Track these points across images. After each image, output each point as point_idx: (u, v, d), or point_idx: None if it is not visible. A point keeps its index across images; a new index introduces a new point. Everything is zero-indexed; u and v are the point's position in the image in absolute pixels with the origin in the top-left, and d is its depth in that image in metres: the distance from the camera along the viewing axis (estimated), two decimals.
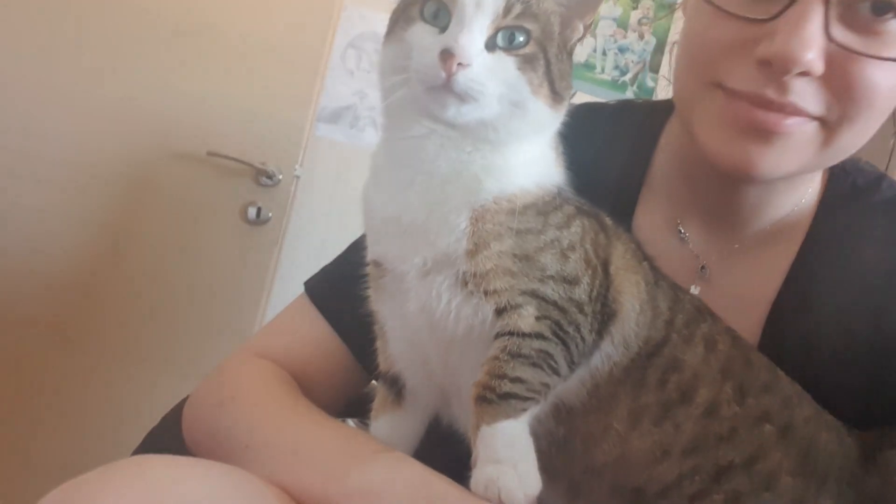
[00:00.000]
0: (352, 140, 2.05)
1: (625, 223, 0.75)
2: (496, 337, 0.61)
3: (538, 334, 0.60)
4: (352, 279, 0.73)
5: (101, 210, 1.81)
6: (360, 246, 0.72)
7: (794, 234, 0.79)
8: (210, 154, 1.83)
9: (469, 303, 0.62)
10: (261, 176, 1.90)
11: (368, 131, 2.05)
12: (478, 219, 0.61)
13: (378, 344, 0.73)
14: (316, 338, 0.85)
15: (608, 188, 0.82)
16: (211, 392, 0.81)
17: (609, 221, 0.69)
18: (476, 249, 0.61)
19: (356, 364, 0.84)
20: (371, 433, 0.72)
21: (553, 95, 0.61)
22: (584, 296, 0.62)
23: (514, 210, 0.61)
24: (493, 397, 0.59)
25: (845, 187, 0.81)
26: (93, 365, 1.82)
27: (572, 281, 0.62)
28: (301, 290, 0.89)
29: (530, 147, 0.64)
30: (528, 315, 0.60)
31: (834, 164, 0.76)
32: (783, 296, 0.77)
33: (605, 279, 0.64)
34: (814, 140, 0.67)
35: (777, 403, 0.67)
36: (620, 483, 0.65)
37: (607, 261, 0.65)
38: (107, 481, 0.54)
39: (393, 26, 0.63)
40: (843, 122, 0.66)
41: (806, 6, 0.61)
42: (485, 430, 0.58)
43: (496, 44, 0.58)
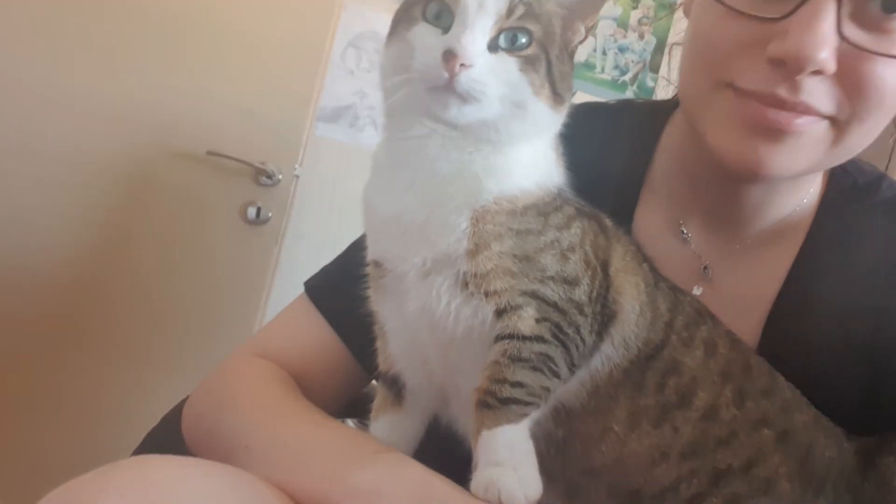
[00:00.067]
0: (352, 139, 2.04)
1: (625, 223, 0.75)
2: (496, 340, 0.61)
3: (538, 337, 0.60)
4: (352, 279, 0.72)
5: (101, 210, 1.81)
6: (361, 246, 0.72)
7: (796, 234, 0.79)
8: (210, 153, 1.83)
9: (469, 304, 0.62)
10: (260, 175, 1.89)
11: (368, 131, 2.05)
12: (478, 219, 0.61)
13: (378, 344, 0.73)
14: (316, 338, 0.85)
15: (608, 188, 0.82)
16: (211, 392, 0.81)
17: (609, 223, 0.69)
18: (476, 250, 0.61)
19: (356, 364, 0.84)
20: (371, 433, 0.72)
21: (554, 96, 0.61)
22: (584, 297, 0.62)
23: (515, 211, 0.61)
24: (495, 402, 0.59)
25: (846, 187, 0.81)
26: (92, 364, 1.82)
27: (572, 282, 0.62)
28: (301, 290, 0.89)
29: (531, 148, 0.64)
30: (528, 317, 0.60)
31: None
32: (784, 296, 0.77)
33: (605, 280, 0.64)
34: (824, 139, 0.67)
35: (776, 408, 0.67)
36: (618, 485, 0.65)
37: (607, 262, 0.65)
38: (107, 481, 0.54)
39: (395, 27, 0.63)
40: (853, 121, 0.66)
41: (818, 5, 0.61)
42: (486, 435, 0.58)
43: (498, 45, 0.58)
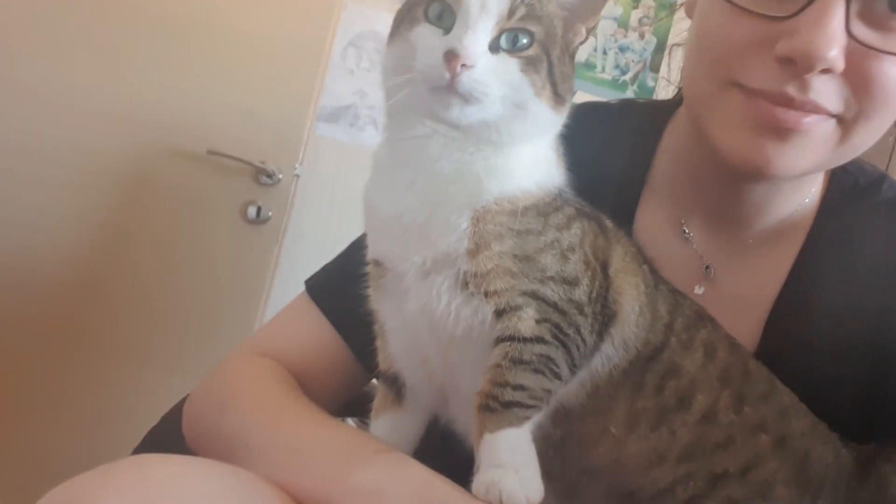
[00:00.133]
0: (352, 139, 2.04)
1: (626, 223, 0.75)
2: (497, 342, 0.61)
3: (539, 338, 0.60)
4: (352, 278, 0.72)
5: (101, 209, 1.81)
6: (361, 245, 0.72)
7: (797, 234, 0.79)
8: (210, 153, 1.83)
9: (469, 303, 0.62)
10: (261, 175, 1.89)
11: (368, 130, 2.05)
12: (479, 219, 0.61)
13: (378, 343, 0.73)
14: (316, 336, 0.85)
15: (610, 187, 0.82)
16: (211, 391, 0.81)
17: (609, 224, 0.69)
18: (477, 250, 0.61)
19: (356, 363, 0.83)
20: (371, 433, 0.72)
21: (555, 97, 0.62)
22: (584, 297, 0.62)
23: (516, 211, 0.61)
24: (497, 406, 0.59)
25: (847, 187, 0.81)
26: (92, 364, 1.82)
27: (572, 282, 0.62)
28: (301, 289, 0.88)
29: (532, 148, 0.64)
30: (528, 318, 0.60)
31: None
32: (784, 295, 0.77)
33: (605, 281, 0.64)
34: (830, 138, 0.67)
35: (774, 413, 0.67)
36: (616, 486, 0.65)
37: (606, 263, 0.65)
38: (107, 481, 0.54)
39: (397, 27, 0.63)
40: (860, 120, 0.66)
41: (828, 3, 0.61)
42: (488, 439, 0.58)
43: (500, 45, 0.58)
